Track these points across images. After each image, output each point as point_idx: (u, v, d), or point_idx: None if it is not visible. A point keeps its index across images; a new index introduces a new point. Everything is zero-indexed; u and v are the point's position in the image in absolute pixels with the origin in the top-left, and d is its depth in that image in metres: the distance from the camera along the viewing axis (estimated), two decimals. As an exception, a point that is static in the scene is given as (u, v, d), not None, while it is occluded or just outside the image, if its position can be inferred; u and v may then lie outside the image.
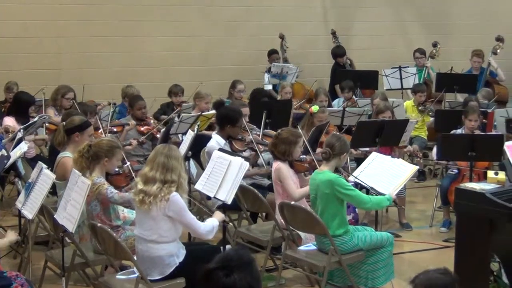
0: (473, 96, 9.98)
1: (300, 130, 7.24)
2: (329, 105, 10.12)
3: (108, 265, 5.85)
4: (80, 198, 5.24)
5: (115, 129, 8.48)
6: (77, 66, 11.58)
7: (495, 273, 6.00)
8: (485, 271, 5.68)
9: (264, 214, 7.36)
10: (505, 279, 5.91)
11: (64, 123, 6.73)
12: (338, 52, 12.53)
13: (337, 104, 10.66)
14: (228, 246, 5.97)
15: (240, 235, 6.71)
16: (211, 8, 12.60)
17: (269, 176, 7.28)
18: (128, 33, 11.95)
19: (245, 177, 6.16)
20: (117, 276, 5.40)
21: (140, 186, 5.19)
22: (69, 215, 5.30)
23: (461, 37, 14.14)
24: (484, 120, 8.59)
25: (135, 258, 5.20)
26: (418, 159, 8.32)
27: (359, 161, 7.57)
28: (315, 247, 6.03)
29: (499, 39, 12.13)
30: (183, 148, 7.12)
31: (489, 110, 9.17)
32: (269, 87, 11.72)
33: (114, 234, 5.26)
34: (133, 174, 6.31)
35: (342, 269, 5.82)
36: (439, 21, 14.27)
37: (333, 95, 11.21)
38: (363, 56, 13.28)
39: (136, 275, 5.16)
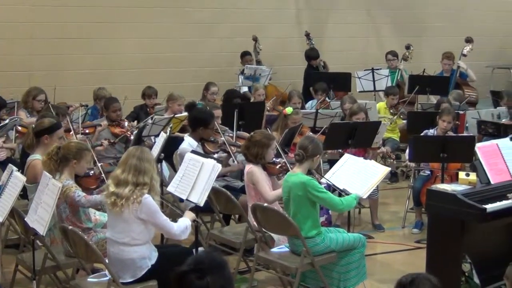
0: (444, 98, 10.05)
1: (271, 132, 7.23)
2: (303, 107, 10.14)
3: (80, 268, 5.80)
4: (51, 201, 5.19)
5: (87, 131, 8.43)
6: (48, 68, 11.45)
7: (466, 274, 6.04)
8: (456, 271, 5.72)
9: (237, 216, 7.35)
10: (476, 279, 5.94)
11: (33, 125, 6.67)
12: (311, 54, 12.54)
13: (310, 106, 10.67)
14: (200, 248, 5.96)
15: (212, 237, 6.69)
16: (184, 10, 12.54)
17: (241, 178, 7.27)
18: (100, 35, 11.84)
19: (218, 176, 6.13)
20: (89, 279, 5.38)
21: (112, 188, 5.15)
22: (40, 218, 5.26)
23: (433, 39, 14.24)
24: (457, 122, 8.66)
25: (106, 261, 5.17)
26: (391, 160, 8.36)
27: (331, 162, 7.59)
28: (287, 249, 6.03)
29: (468, 41, 12.18)
30: (156, 150, 7.09)
31: (461, 112, 9.24)
32: (244, 88, 11.70)
33: (85, 237, 5.22)
34: (103, 176, 6.26)
35: (315, 271, 5.82)
36: (412, 23, 14.37)
37: (306, 97, 11.22)
38: (336, 58, 13.28)
39: (107, 278, 5.13)
